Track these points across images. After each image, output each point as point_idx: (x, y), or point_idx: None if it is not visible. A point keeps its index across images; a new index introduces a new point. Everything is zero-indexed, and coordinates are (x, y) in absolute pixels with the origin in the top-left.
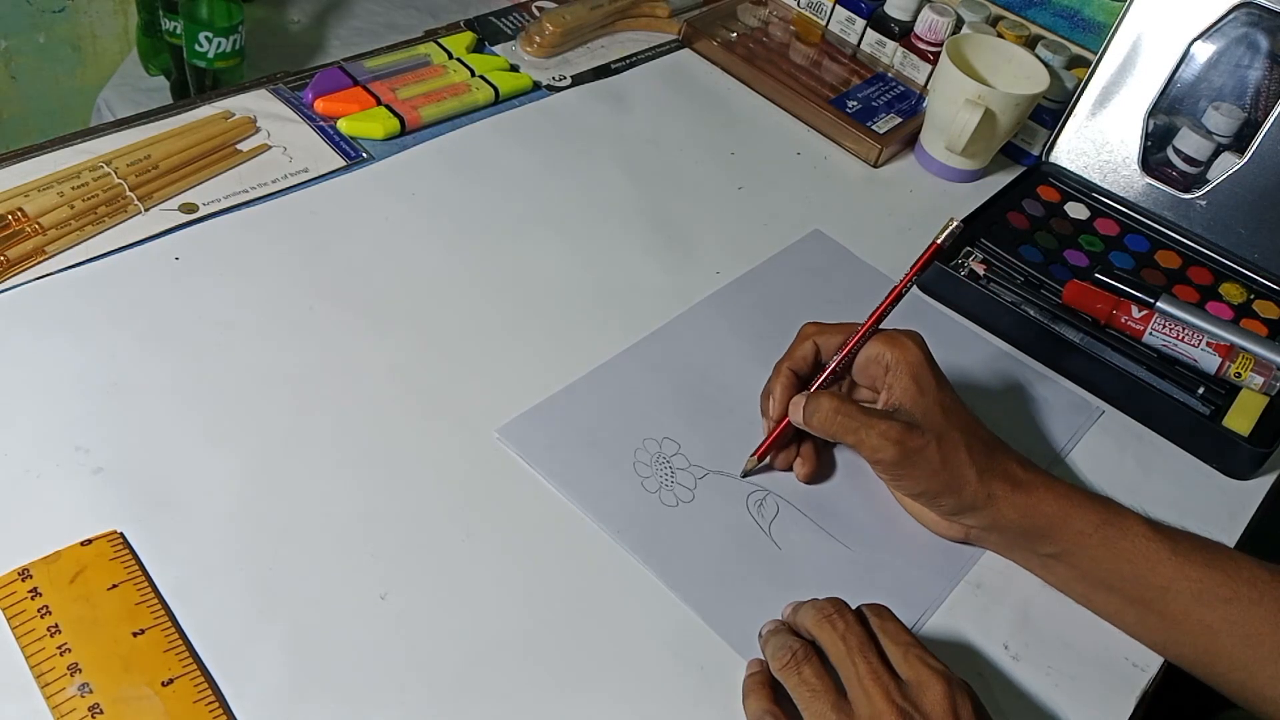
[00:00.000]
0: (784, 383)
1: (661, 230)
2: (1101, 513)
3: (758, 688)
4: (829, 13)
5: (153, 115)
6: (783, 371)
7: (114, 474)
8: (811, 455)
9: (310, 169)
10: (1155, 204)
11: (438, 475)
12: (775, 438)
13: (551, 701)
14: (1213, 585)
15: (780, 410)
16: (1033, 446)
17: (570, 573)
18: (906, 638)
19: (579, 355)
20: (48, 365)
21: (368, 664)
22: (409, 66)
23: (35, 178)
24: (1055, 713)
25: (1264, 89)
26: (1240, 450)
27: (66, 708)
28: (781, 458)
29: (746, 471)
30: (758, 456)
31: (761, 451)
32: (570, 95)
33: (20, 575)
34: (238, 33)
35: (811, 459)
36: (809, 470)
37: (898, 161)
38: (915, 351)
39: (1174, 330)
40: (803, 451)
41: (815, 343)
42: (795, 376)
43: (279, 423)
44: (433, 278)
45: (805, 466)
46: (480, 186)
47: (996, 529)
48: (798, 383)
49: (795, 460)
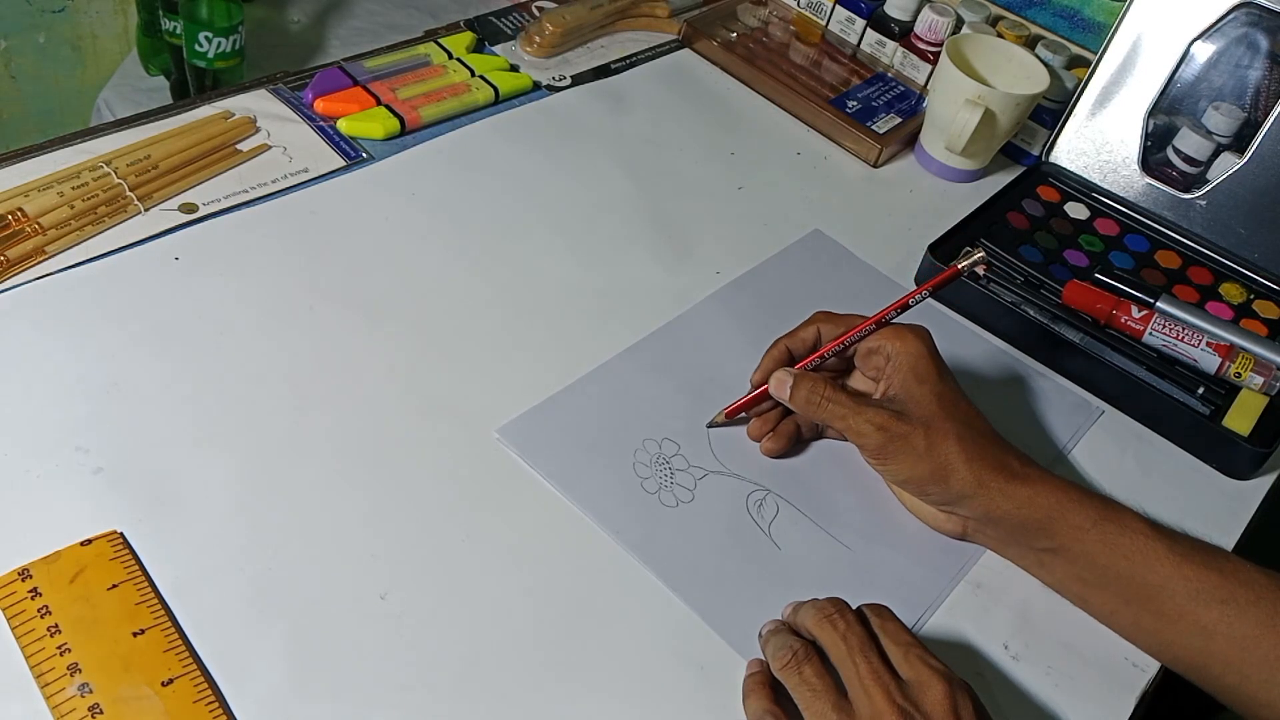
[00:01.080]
0: (774, 354)
1: (661, 230)
2: (1099, 508)
3: (758, 688)
4: (829, 13)
5: (153, 115)
6: (778, 346)
7: (114, 474)
8: (785, 435)
9: (310, 169)
10: (1155, 204)
11: (438, 475)
12: (748, 401)
13: (551, 701)
14: (1209, 585)
15: (761, 377)
16: (1033, 446)
17: (570, 573)
18: (907, 638)
19: (579, 355)
20: (48, 365)
21: (368, 664)
22: (409, 66)
23: (35, 178)
24: (1055, 713)
25: (1264, 89)
26: (1240, 450)
27: (66, 708)
28: (756, 426)
29: (712, 423)
30: (727, 414)
31: (731, 410)
32: (570, 95)
33: (20, 575)
34: (238, 33)
35: (783, 438)
36: (776, 447)
37: (898, 161)
38: (917, 344)
39: (1174, 330)
40: (778, 429)
41: (819, 328)
42: (788, 353)
43: (279, 423)
44: (433, 278)
45: (773, 442)
46: (480, 186)
47: (991, 521)
48: (789, 360)
49: (768, 433)
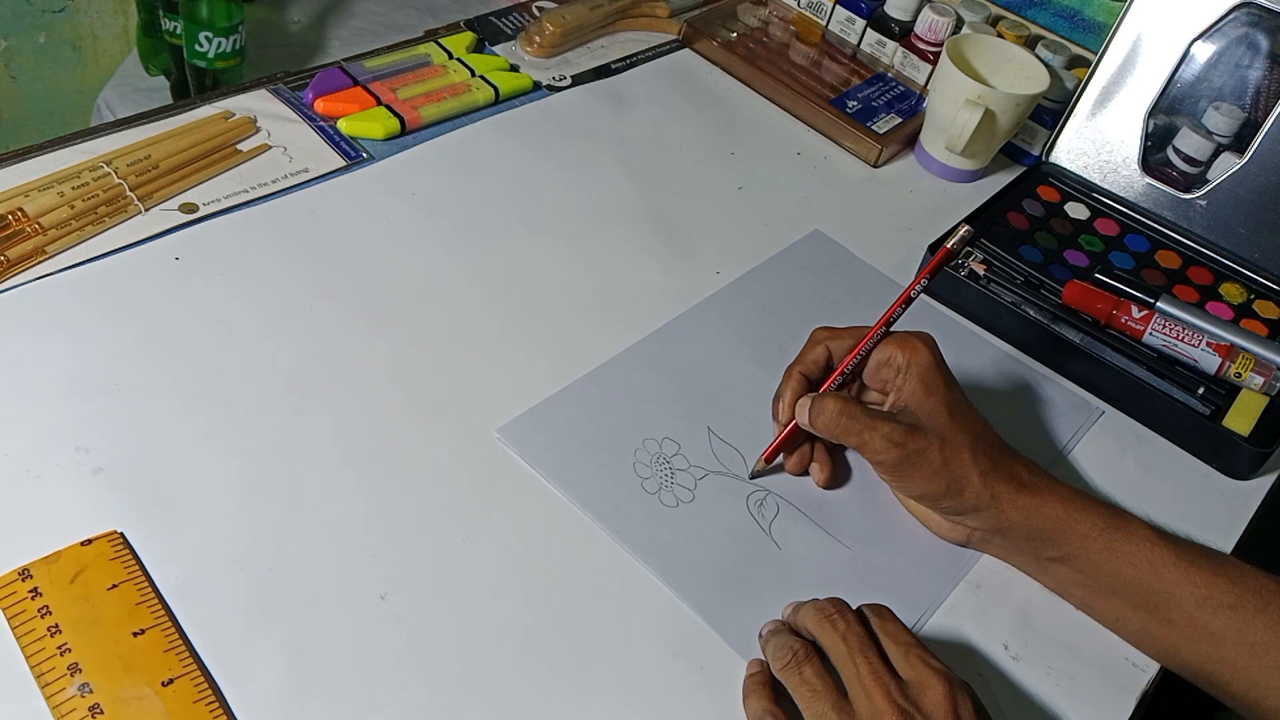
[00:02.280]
0: (793, 386)
1: (661, 230)
2: (1106, 517)
3: (758, 688)
4: (829, 13)
5: (153, 115)
6: (793, 375)
7: (114, 474)
8: (827, 460)
9: (310, 169)
10: (1155, 204)
11: (438, 475)
12: (783, 440)
13: (551, 701)
14: (1216, 592)
15: (789, 414)
16: (1033, 446)
17: (570, 573)
18: (907, 638)
19: (579, 355)
20: (48, 365)
21: (368, 664)
22: (409, 66)
23: (35, 178)
24: (1055, 713)
25: (1264, 89)
26: (1240, 450)
27: (66, 708)
28: (794, 461)
29: (755, 473)
30: (765, 459)
31: (769, 454)
32: (570, 95)
33: (20, 575)
34: (238, 33)
35: (828, 464)
36: (826, 475)
37: (898, 161)
38: (925, 354)
39: (1174, 330)
40: (817, 456)
41: (827, 347)
42: (806, 380)
43: (279, 423)
44: (433, 278)
45: (823, 472)
46: (480, 186)
47: (1000, 531)
48: (808, 386)
49: (811, 465)
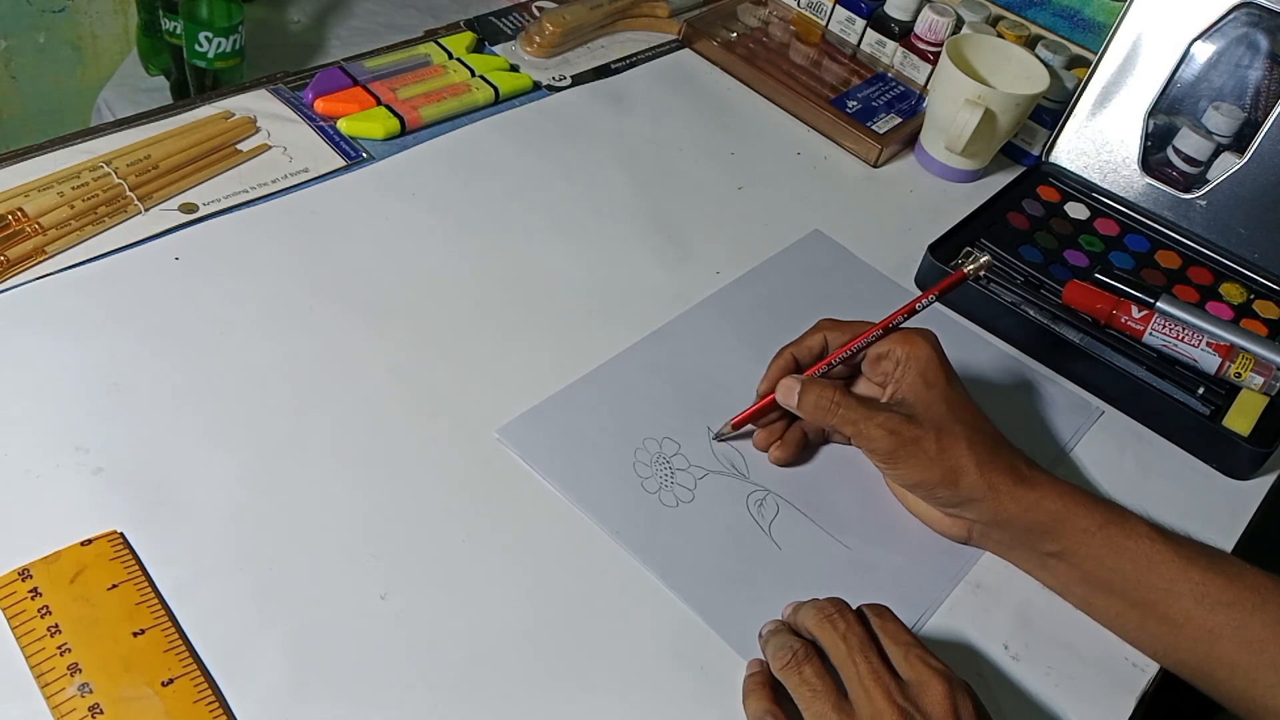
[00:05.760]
0: (780, 363)
1: (661, 230)
2: (1105, 512)
3: (758, 688)
4: (829, 13)
5: (153, 115)
6: (784, 355)
7: (114, 474)
8: (792, 442)
9: (310, 169)
10: (1155, 204)
11: (438, 475)
12: (755, 411)
13: (551, 701)
14: (1215, 589)
15: (768, 386)
16: (1033, 446)
17: (570, 573)
18: (907, 638)
19: (579, 355)
20: (48, 365)
21: (368, 664)
22: (409, 66)
23: (35, 178)
24: (1055, 713)
25: (1264, 89)
26: (1240, 450)
27: (66, 708)
28: (762, 436)
29: (718, 435)
30: (733, 424)
31: (738, 420)
32: (570, 95)
33: (20, 575)
34: (238, 33)
35: (791, 446)
36: (784, 455)
37: (898, 161)
38: (926, 348)
39: (1174, 330)
40: (785, 437)
41: (825, 336)
42: (795, 361)
43: (279, 423)
44: (433, 278)
45: (781, 450)
46: (480, 186)
47: (998, 524)
48: (795, 368)
49: (775, 443)
